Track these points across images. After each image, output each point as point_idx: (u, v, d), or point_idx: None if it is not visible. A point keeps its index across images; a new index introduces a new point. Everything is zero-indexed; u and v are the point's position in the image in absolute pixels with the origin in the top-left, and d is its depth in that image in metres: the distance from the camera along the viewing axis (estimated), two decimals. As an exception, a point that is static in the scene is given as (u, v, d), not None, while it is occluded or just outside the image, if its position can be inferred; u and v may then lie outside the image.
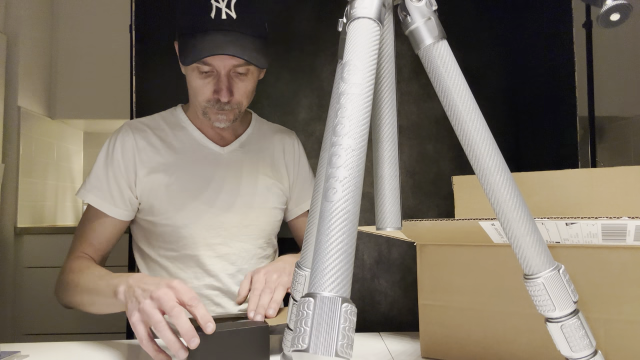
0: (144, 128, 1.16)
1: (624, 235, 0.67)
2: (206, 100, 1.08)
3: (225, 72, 1.04)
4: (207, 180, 1.14)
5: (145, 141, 1.14)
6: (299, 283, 0.64)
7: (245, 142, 1.21)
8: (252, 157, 1.20)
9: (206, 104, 1.08)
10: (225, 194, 1.15)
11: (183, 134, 1.17)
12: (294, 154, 1.27)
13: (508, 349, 0.78)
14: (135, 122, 1.17)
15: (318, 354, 0.37)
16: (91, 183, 1.11)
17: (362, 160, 0.44)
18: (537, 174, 0.84)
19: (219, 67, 1.04)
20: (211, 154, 1.17)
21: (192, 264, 1.14)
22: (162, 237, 1.13)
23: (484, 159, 0.53)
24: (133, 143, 1.12)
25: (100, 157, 1.13)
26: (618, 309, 0.70)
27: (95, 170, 1.12)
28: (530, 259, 0.53)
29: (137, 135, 1.14)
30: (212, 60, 1.03)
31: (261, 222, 1.19)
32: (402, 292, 1.60)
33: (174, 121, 1.19)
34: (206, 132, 1.18)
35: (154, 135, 1.15)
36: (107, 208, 1.10)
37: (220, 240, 1.15)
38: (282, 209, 1.24)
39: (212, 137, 1.18)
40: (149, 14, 1.62)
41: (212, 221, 1.14)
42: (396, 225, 0.59)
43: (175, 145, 1.15)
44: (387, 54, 0.58)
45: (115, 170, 1.11)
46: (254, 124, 1.25)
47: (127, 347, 0.95)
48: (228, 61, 1.03)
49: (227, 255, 1.16)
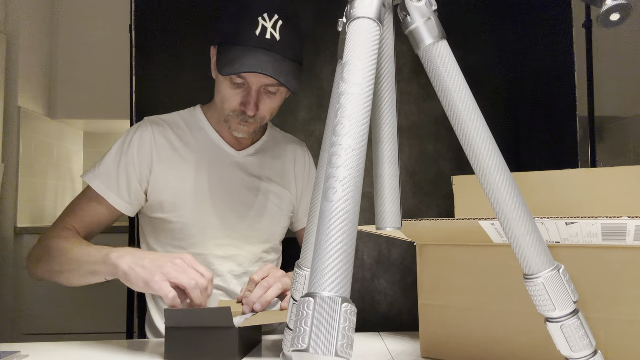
0: (163, 124, 1.17)
1: (624, 235, 0.67)
2: (232, 109, 1.09)
3: (256, 88, 1.07)
4: (221, 182, 1.16)
5: (164, 137, 1.15)
6: (299, 283, 0.64)
7: (260, 148, 1.23)
8: (266, 164, 1.22)
9: (231, 114, 1.10)
10: (238, 197, 1.17)
11: (201, 134, 1.19)
12: (304, 166, 1.29)
13: (508, 349, 0.78)
14: (155, 118, 1.19)
15: (318, 354, 0.37)
16: (100, 170, 1.12)
17: (362, 160, 0.44)
18: (537, 174, 0.84)
19: (252, 83, 1.06)
20: (227, 157, 1.18)
21: (199, 262, 1.14)
22: (172, 234, 1.14)
23: (484, 159, 0.53)
24: (151, 137, 1.14)
25: (115, 147, 1.13)
26: (618, 309, 0.70)
27: (106, 158, 1.13)
28: (530, 259, 0.53)
29: (155, 130, 1.15)
30: (248, 75, 1.05)
31: (270, 228, 1.21)
32: (402, 292, 1.60)
33: (193, 121, 1.20)
34: (224, 135, 1.19)
35: (173, 133, 1.17)
36: (111, 197, 1.10)
37: (230, 241, 1.16)
38: (289, 216, 1.26)
39: (229, 140, 1.20)
40: (149, 14, 1.62)
41: (224, 223, 1.15)
42: (396, 225, 0.59)
43: (193, 144, 1.17)
44: (387, 54, 0.58)
45: (128, 163, 1.11)
46: (269, 132, 1.27)
47: (127, 347, 0.95)
48: (263, 79, 1.05)
49: (235, 256, 1.17)
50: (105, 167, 1.12)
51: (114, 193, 1.11)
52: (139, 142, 1.12)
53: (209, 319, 0.83)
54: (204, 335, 0.83)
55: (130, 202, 1.12)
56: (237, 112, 1.09)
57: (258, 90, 1.07)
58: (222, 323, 0.82)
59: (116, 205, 1.11)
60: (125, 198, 1.11)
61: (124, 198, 1.11)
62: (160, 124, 1.17)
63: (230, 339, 0.82)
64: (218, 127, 1.19)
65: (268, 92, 1.08)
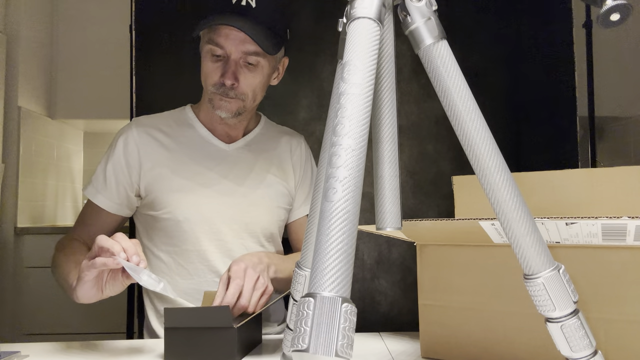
0: (149, 123, 1.18)
1: (624, 235, 0.67)
2: (213, 83, 1.10)
3: (234, 57, 1.08)
4: (210, 176, 1.16)
5: (149, 136, 1.16)
6: (299, 283, 0.64)
7: (251, 141, 1.23)
8: (258, 156, 1.21)
9: (212, 88, 1.11)
10: (227, 190, 1.16)
11: (190, 131, 1.19)
12: (301, 156, 1.28)
13: (508, 349, 0.78)
14: (141, 119, 1.20)
15: (318, 354, 0.37)
16: (93, 177, 1.17)
17: (362, 160, 0.44)
18: (537, 174, 0.84)
19: (230, 51, 1.07)
20: (216, 151, 1.18)
21: (193, 259, 1.14)
22: (164, 231, 1.14)
23: (484, 159, 0.53)
24: (136, 138, 1.15)
25: (105, 154, 1.17)
26: (618, 309, 0.70)
27: (98, 166, 1.17)
28: (530, 259, 0.53)
29: (140, 130, 1.16)
30: (225, 41, 1.06)
31: (263, 220, 1.19)
32: (402, 292, 1.60)
33: (182, 119, 1.21)
34: (213, 130, 1.19)
35: (160, 131, 1.17)
36: (102, 201, 1.13)
37: (222, 236, 1.15)
38: (286, 209, 1.24)
39: (219, 135, 1.20)
40: (149, 14, 1.62)
41: (214, 216, 1.14)
42: (396, 225, 0.59)
43: (181, 140, 1.18)
44: (387, 54, 0.58)
45: (116, 166, 1.14)
46: (262, 125, 1.27)
47: (127, 347, 0.95)
48: (239, 46, 1.07)
49: (229, 252, 1.16)
50: (96, 174, 1.16)
51: (105, 197, 1.14)
52: (124, 145, 1.14)
53: (207, 318, 0.83)
54: (203, 335, 0.83)
55: (121, 203, 1.14)
56: (217, 85, 1.10)
57: (237, 61, 1.08)
58: (221, 323, 0.82)
59: (108, 209, 1.14)
60: (116, 200, 1.14)
61: (115, 200, 1.14)
62: (145, 124, 1.18)
63: (229, 339, 0.83)
64: (207, 123, 1.20)
65: (247, 63, 1.09)
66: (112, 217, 1.15)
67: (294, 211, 1.27)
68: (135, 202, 1.16)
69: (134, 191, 1.15)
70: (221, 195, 1.15)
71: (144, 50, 1.62)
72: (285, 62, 1.21)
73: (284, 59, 1.20)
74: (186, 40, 1.61)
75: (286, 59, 1.21)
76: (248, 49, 1.07)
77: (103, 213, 1.14)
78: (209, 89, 1.11)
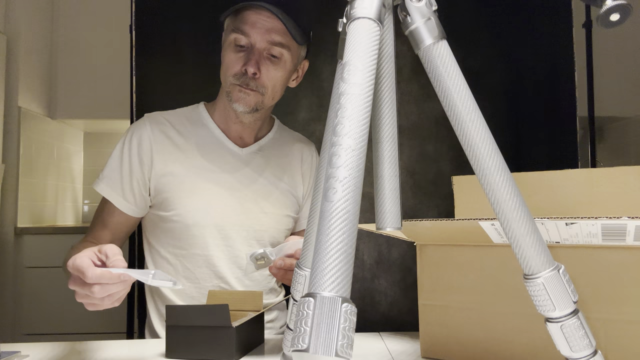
0: (163, 121, 1.16)
1: (624, 235, 0.67)
2: (234, 74, 1.08)
3: (259, 47, 1.07)
4: (222, 180, 1.14)
5: (164, 134, 1.14)
6: (299, 283, 0.64)
7: (264, 146, 1.21)
8: (270, 162, 1.20)
9: (232, 79, 1.09)
10: (239, 196, 1.15)
11: (204, 131, 1.17)
12: (311, 165, 1.27)
13: (508, 349, 0.78)
14: (155, 115, 1.18)
15: (318, 354, 0.37)
16: (104, 173, 1.13)
17: (362, 160, 0.44)
18: (537, 174, 0.84)
19: (255, 40, 1.06)
20: (229, 154, 1.16)
21: (201, 264, 1.13)
22: (171, 232, 1.13)
23: (484, 159, 0.53)
24: (150, 135, 1.13)
25: (117, 149, 1.14)
26: (618, 309, 0.70)
27: (110, 161, 1.13)
28: (530, 259, 0.53)
29: (154, 127, 1.14)
30: (251, 29, 1.06)
31: (272, 229, 1.18)
32: (402, 292, 1.60)
33: (195, 117, 1.19)
34: (227, 131, 1.18)
35: (173, 129, 1.15)
36: (116, 199, 1.11)
37: (230, 242, 1.14)
38: (293, 217, 1.23)
39: (233, 137, 1.18)
40: (149, 14, 1.62)
41: (224, 222, 1.13)
42: (396, 225, 0.59)
43: (194, 140, 1.15)
44: (387, 54, 0.58)
45: (132, 163, 1.11)
46: (275, 129, 1.25)
47: (127, 347, 0.95)
48: (265, 35, 1.06)
49: (236, 258, 1.15)
50: (109, 170, 1.12)
51: (119, 195, 1.11)
52: (138, 142, 1.12)
53: (207, 316, 0.84)
54: (203, 334, 0.84)
55: (135, 203, 1.12)
56: (238, 74, 1.08)
57: (261, 51, 1.07)
58: (219, 321, 0.83)
59: (121, 207, 1.11)
60: (130, 199, 1.11)
61: (129, 200, 1.11)
62: (159, 121, 1.16)
63: (227, 338, 0.83)
64: (221, 123, 1.18)
65: (271, 55, 1.08)
66: (127, 217, 1.13)
67: (301, 220, 1.26)
68: (148, 202, 1.14)
69: (147, 189, 1.13)
70: (232, 201, 1.14)
71: (144, 50, 1.62)
72: (305, 66, 1.19)
73: (304, 61, 1.18)
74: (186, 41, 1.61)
75: (306, 62, 1.19)
76: (274, 39, 1.06)
77: (118, 213, 1.12)
78: (229, 80, 1.09)
